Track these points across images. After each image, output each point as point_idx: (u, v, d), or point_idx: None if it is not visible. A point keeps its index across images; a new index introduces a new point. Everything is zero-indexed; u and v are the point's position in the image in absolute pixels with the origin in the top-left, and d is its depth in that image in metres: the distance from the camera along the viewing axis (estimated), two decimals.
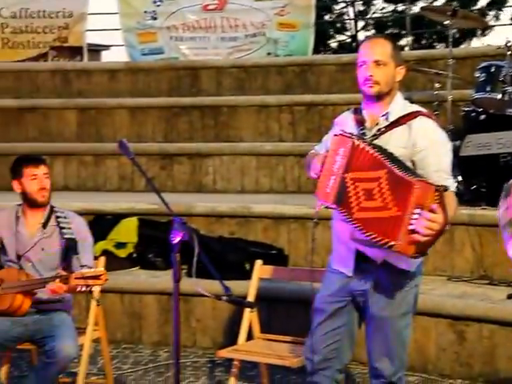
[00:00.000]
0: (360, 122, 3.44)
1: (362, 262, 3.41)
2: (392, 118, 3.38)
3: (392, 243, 3.12)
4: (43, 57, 10.07)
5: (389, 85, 3.38)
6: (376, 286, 3.41)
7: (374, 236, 3.16)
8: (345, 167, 3.23)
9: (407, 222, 3.08)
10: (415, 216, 3.06)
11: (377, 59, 3.36)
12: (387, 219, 3.12)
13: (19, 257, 4.27)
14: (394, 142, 3.33)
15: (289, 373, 4.93)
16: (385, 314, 3.40)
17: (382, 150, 3.23)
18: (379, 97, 3.38)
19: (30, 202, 4.32)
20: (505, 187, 3.47)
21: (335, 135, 3.33)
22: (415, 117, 3.37)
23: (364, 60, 3.38)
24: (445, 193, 3.24)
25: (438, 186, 3.11)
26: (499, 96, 6.08)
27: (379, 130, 3.38)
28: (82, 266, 4.13)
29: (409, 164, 3.30)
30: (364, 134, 3.39)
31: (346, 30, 20.00)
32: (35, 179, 4.27)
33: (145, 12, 9.80)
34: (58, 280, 3.97)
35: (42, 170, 4.31)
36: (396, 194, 3.11)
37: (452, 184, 3.34)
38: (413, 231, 3.07)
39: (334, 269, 3.55)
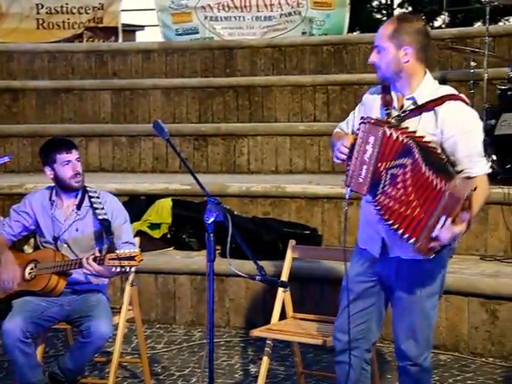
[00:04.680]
0: (387, 103, 3.38)
1: (388, 244, 3.39)
2: (420, 102, 3.30)
3: (412, 240, 3.09)
4: (78, 37, 10.12)
5: (391, 68, 3.29)
6: (402, 268, 3.38)
7: (392, 223, 3.13)
8: (376, 157, 3.17)
9: (430, 228, 3.03)
10: (440, 224, 3.01)
11: (375, 44, 3.34)
12: (409, 217, 3.08)
13: (55, 238, 4.31)
14: (422, 127, 3.26)
15: (321, 352, 4.95)
16: (411, 296, 3.38)
17: (412, 136, 3.16)
18: (388, 81, 3.33)
19: (63, 188, 4.31)
20: None
21: (363, 122, 3.25)
22: (442, 103, 3.27)
23: None
24: (476, 177, 3.20)
25: (469, 192, 3.03)
26: None
27: (404, 111, 3.31)
28: (124, 243, 4.17)
29: (439, 150, 3.23)
30: (389, 114, 3.33)
31: (384, 7, 19.84)
32: (68, 165, 4.25)
33: None
34: (91, 260, 4.01)
35: (74, 154, 4.27)
36: (421, 195, 3.06)
37: (484, 166, 3.27)
38: (435, 238, 3.04)
39: (361, 248, 3.54)
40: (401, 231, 3.12)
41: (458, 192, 3.01)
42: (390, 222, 3.14)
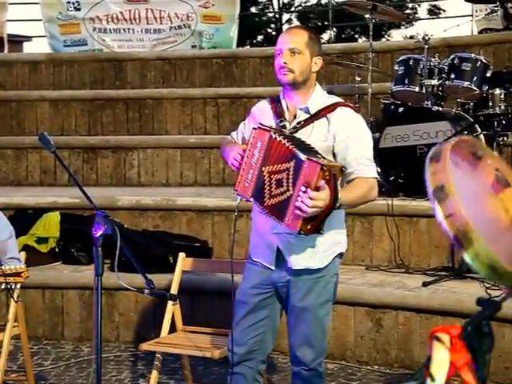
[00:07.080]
0: (279, 114, 3.47)
1: (282, 255, 3.45)
2: (312, 111, 3.41)
3: (283, 221, 3.18)
4: None
5: (304, 74, 3.39)
6: (297, 277, 3.45)
7: (275, 219, 3.22)
8: (262, 161, 3.26)
9: (294, 201, 3.13)
10: (301, 193, 3.10)
11: (291, 47, 3.38)
12: (286, 200, 3.18)
13: None
14: (314, 135, 3.37)
15: (211, 364, 4.96)
16: (306, 304, 3.45)
17: (297, 143, 3.26)
18: (295, 86, 3.41)
19: None
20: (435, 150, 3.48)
21: (254, 128, 3.33)
22: (334, 109, 3.40)
23: (280, 48, 3.40)
24: (361, 178, 3.32)
25: (328, 164, 3.14)
26: (417, 89, 6.24)
27: (299, 122, 3.41)
28: (10, 259, 4.08)
29: (330, 156, 3.34)
30: (284, 126, 3.42)
31: (272, 23, 20.13)
32: None
33: (67, 2, 9.61)
34: None
35: None
36: (295, 177, 3.16)
37: (372, 170, 3.38)
38: (299, 208, 3.11)
39: (254, 260, 3.56)
40: (277, 221, 3.20)
41: (315, 162, 3.11)
42: (274, 218, 3.22)
